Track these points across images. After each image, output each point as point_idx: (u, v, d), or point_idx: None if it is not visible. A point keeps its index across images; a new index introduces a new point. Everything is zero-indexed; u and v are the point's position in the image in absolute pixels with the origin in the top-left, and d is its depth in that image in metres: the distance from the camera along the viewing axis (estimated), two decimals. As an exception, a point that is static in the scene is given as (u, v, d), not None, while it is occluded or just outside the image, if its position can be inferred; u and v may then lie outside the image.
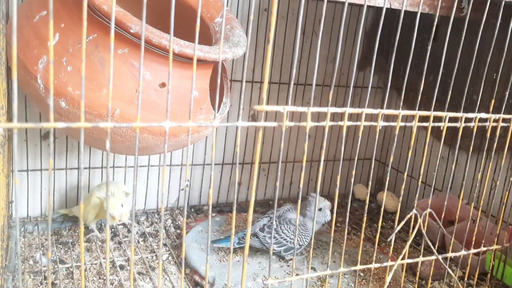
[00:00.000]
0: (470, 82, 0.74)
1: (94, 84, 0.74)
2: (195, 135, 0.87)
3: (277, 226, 1.06)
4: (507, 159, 1.00)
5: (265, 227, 1.05)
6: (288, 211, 1.09)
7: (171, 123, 0.50)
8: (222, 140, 1.32)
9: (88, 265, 0.97)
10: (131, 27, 0.70)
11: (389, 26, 1.36)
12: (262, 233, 1.05)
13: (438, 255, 0.74)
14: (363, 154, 1.55)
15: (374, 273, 1.04)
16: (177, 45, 0.74)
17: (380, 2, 0.78)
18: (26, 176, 1.11)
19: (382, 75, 1.48)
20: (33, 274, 0.92)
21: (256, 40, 1.27)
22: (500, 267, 0.93)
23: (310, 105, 0.58)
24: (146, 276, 0.96)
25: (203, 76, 0.86)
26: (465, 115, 0.69)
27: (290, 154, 1.42)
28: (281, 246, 1.05)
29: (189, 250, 1.04)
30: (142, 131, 0.79)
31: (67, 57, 0.73)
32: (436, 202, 1.16)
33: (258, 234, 1.04)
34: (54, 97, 0.74)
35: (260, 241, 1.04)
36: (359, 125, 0.63)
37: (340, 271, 0.66)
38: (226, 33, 0.90)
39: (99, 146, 0.87)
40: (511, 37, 0.76)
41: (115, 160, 1.19)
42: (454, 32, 0.73)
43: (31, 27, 0.77)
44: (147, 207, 1.26)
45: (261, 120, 0.54)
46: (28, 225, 1.10)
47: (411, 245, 1.20)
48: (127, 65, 0.75)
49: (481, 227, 1.00)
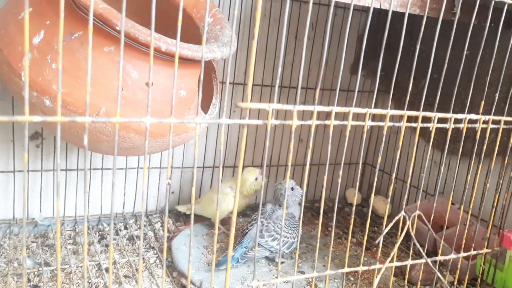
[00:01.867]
0: (461, 86, 0.74)
1: (79, 82, 0.73)
2: (183, 135, 0.86)
3: (273, 226, 1.03)
4: (497, 163, 1.00)
5: (262, 232, 1.02)
6: (274, 210, 1.07)
7: (152, 119, 0.49)
8: (213, 142, 1.31)
9: (74, 267, 0.96)
10: (117, 24, 0.69)
11: (382, 30, 1.35)
12: (263, 239, 1.01)
13: (427, 258, 0.73)
14: (355, 159, 1.54)
15: (364, 277, 1.03)
16: (164, 43, 0.73)
17: (368, 2, 0.77)
18: (13, 177, 1.09)
19: (375, 79, 1.48)
20: (17, 276, 0.91)
21: (247, 43, 1.27)
22: (491, 272, 0.92)
23: (296, 104, 0.57)
24: (132, 279, 0.94)
25: (191, 75, 0.85)
26: (454, 116, 0.68)
27: (282, 157, 1.41)
28: (285, 244, 1.04)
29: (177, 253, 1.03)
30: (128, 130, 0.78)
31: (52, 55, 0.72)
32: (428, 206, 1.15)
33: (261, 242, 1.01)
34: (39, 95, 0.73)
35: (264, 248, 1.01)
36: (347, 127, 0.62)
37: (327, 273, 0.65)
38: (216, 33, 0.89)
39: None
40: (501, 40, 0.76)
41: (104, 161, 1.18)
42: (447, 36, 0.72)
43: (16, 24, 0.76)
44: (136, 209, 1.24)
45: (245, 117, 0.53)
46: (14, 227, 1.09)
47: (402, 249, 1.19)
48: (114, 63, 0.74)
49: (472, 232, 0.99)
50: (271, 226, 1.03)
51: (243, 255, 0.99)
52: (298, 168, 1.46)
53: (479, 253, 0.87)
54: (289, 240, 1.04)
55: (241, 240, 1.02)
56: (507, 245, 0.87)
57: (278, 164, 1.41)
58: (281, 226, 1.02)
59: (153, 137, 0.81)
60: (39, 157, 1.10)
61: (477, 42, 0.80)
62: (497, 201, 0.86)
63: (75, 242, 1.06)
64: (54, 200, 1.14)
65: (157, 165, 1.24)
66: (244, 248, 1.00)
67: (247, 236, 1.02)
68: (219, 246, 1.11)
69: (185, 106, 0.84)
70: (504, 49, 0.81)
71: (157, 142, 0.83)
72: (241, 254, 0.99)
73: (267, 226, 1.03)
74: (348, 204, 1.50)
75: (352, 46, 1.43)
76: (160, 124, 0.79)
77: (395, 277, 1.03)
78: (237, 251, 0.99)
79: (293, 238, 1.05)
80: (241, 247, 1.00)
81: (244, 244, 1.01)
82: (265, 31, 1.28)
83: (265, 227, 1.03)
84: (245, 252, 0.99)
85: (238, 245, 1.01)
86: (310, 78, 1.39)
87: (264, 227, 1.03)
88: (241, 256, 0.99)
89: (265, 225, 1.03)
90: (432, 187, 1.31)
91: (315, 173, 1.48)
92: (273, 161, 1.40)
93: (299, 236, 0.69)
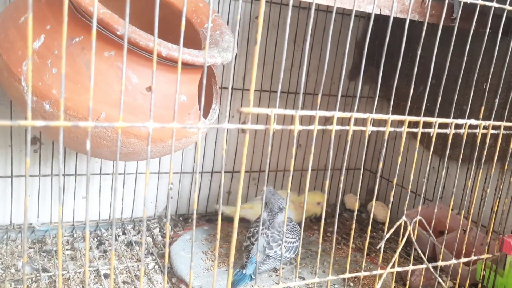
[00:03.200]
0: (460, 92, 0.74)
1: (79, 87, 0.72)
2: (183, 140, 0.86)
3: (279, 235, 1.00)
4: (497, 169, 1.00)
5: (270, 243, 0.98)
6: (273, 218, 1.04)
7: (155, 124, 0.48)
8: (212, 148, 1.30)
9: (72, 273, 0.95)
10: (118, 28, 0.69)
11: (380, 37, 1.36)
12: (272, 250, 0.98)
13: (428, 263, 0.73)
14: (354, 164, 1.54)
15: (364, 283, 1.03)
16: (165, 48, 0.73)
17: (369, 8, 0.78)
18: (10, 182, 1.08)
19: (373, 85, 1.48)
20: (14, 282, 0.90)
21: (247, 48, 1.27)
22: (491, 277, 0.92)
23: (298, 109, 0.57)
24: (131, 285, 0.94)
25: (191, 81, 0.85)
26: (455, 121, 0.68)
27: (281, 163, 1.41)
28: (291, 249, 1.02)
29: (176, 258, 1.02)
30: (128, 135, 0.77)
31: (52, 59, 0.72)
32: (427, 212, 1.15)
33: (270, 254, 0.98)
34: (38, 100, 0.73)
35: (274, 258, 0.98)
36: (349, 132, 0.62)
37: (329, 279, 0.65)
38: (216, 38, 0.89)
39: (84, 151, 0.86)
40: (500, 46, 0.76)
41: (102, 166, 1.17)
42: (446, 42, 0.73)
43: (16, 29, 0.75)
44: (134, 215, 1.24)
45: (248, 122, 0.53)
46: (11, 233, 1.08)
47: (402, 255, 1.18)
48: (114, 68, 0.74)
49: (472, 237, 0.99)
50: (276, 235, 1.00)
51: (255, 271, 0.96)
52: (296, 173, 1.45)
53: (479, 259, 0.87)
54: (294, 245, 1.02)
55: (248, 255, 0.98)
56: (507, 251, 0.87)
57: (276, 169, 1.41)
58: (286, 232, 1.02)
59: (153, 142, 0.81)
60: (37, 162, 1.10)
61: (475, 48, 0.80)
62: (497, 207, 0.86)
63: (73, 248, 1.05)
64: (51, 205, 1.13)
65: (155, 170, 1.24)
66: (255, 264, 0.95)
67: (254, 250, 0.97)
68: (219, 252, 1.10)
69: (185, 111, 0.84)
70: (503, 55, 0.81)
71: (157, 147, 0.82)
72: (253, 270, 0.95)
73: (272, 236, 0.99)
74: (347, 209, 1.49)
75: (350, 52, 1.43)
76: (161, 129, 0.79)
77: (395, 283, 1.03)
78: (248, 268, 0.96)
79: (296, 241, 1.04)
80: (251, 263, 0.96)
81: (253, 259, 0.96)
82: (264, 36, 1.29)
83: (270, 237, 0.99)
84: (258, 268, 0.96)
85: (247, 262, 0.97)
86: (308, 84, 1.39)
87: (270, 237, 0.99)
88: (253, 272, 0.95)
89: (269, 235, 0.99)
90: (430, 192, 1.32)
91: (313, 179, 1.48)
92: (271, 166, 1.40)
93: (301, 238, 0.68)
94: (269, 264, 0.99)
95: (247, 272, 0.95)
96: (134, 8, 0.88)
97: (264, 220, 1.03)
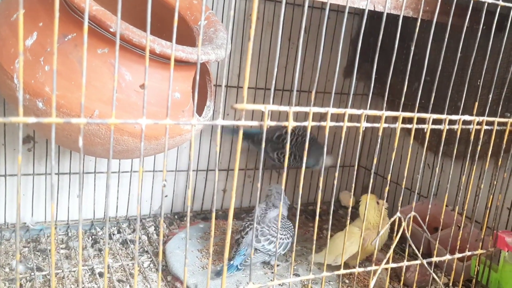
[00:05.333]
0: (454, 89, 0.74)
1: (72, 84, 0.72)
2: (177, 138, 0.85)
3: (268, 230, 1.02)
4: (491, 165, 1.00)
5: (258, 236, 1.00)
6: (265, 213, 1.05)
7: (147, 120, 0.48)
8: (207, 146, 1.30)
9: (67, 272, 0.94)
10: (111, 25, 0.69)
11: (375, 34, 1.36)
12: (259, 244, 1.00)
13: (422, 259, 0.73)
14: (348, 161, 1.54)
15: (359, 279, 1.03)
16: (158, 45, 0.72)
17: (363, 4, 0.78)
18: (4, 181, 1.07)
19: (368, 82, 1.48)
20: (8, 281, 0.89)
21: (241, 46, 1.27)
22: (485, 273, 0.92)
23: (292, 105, 0.57)
24: (126, 283, 0.93)
25: (185, 78, 0.84)
26: (449, 117, 0.68)
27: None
28: (281, 245, 1.03)
29: (171, 257, 1.02)
30: (121, 133, 0.77)
31: (45, 57, 0.71)
32: (421, 208, 1.16)
33: (258, 247, 1.00)
34: (31, 98, 0.72)
35: (262, 252, 1.00)
36: (343, 128, 0.62)
37: (323, 275, 0.65)
38: (210, 35, 0.89)
39: (78, 148, 0.85)
40: (494, 42, 0.76)
41: (97, 165, 1.17)
42: (438, 39, 0.73)
43: (9, 26, 0.75)
44: (129, 213, 1.23)
45: (241, 119, 0.53)
46: (5, 232, 1.07)
47: (397, 251, 1.19)
48: (107, 65, 0.74)
49: (466, 233, 0.99)
50: (266, 229, 1.02)
51: (242, 263, 0.98)
52: (291, 171, 1.45)
53: (473, 254, 0.88)
54: (284, 241, 1.04)
55: (237, 248, 1.00)
56: (502, 246, 0.88)
57: (271, 167, 1.41)
58: (275, 228, 1.03)
59: (147, 140, 0.81)
60: (31, 161, 1.09)
61: (469, 44, 0.80)
62: (491, 203, 0.87)
63: (68, 247, 1.05)
64: (46, 204, 1.12)
65: (150, 169, 1.24)
66: (243, 256, 0.98)
67: (244, 243, 1.00)
68: (214, 250, 1.10)
69: (179, 109, 0.83)
70: (497, 51, 0.81)
71: (151, 144, 0.82)
72: (240, 262, 0.98)
73: (261, 230, 1.02)
74: (342, 206, 1.50)
75: (345, 50, 1.43)
76: (155, 126, 0.79)
77: (390, 280, 1.03)
78: (235, 259, 0.98)
79: (287, 238, 1.05)
80: (239, 255, 0.98)
81: (241, 251, 0.99)
82: (258, 34, 1.28)
83: (259, 231, 1.01)
84: (245, 260, 0.98)
85: (235, 253, 0.99)
86: (303, 81, 1.39)
87: (259, 231, 1.01)
88: (240, 264, 0.98)
89: (259, 229, 1.02)
90: (424, 189, 1.32)
91: (308, 176, 1.48)
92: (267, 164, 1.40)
93: (295, 236, 0.68)
94: (256, 257, 1.00)
95: (234, 263, 0.98)
96: (128, 6, 0.88)
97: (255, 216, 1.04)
